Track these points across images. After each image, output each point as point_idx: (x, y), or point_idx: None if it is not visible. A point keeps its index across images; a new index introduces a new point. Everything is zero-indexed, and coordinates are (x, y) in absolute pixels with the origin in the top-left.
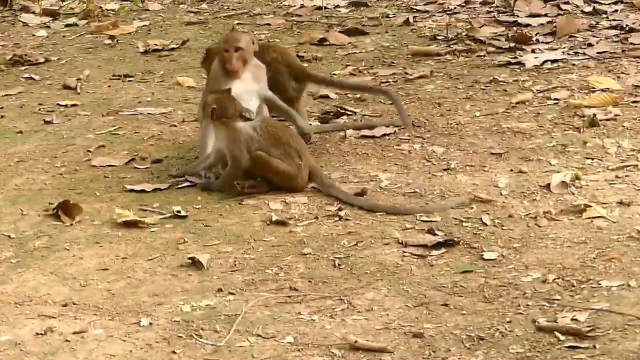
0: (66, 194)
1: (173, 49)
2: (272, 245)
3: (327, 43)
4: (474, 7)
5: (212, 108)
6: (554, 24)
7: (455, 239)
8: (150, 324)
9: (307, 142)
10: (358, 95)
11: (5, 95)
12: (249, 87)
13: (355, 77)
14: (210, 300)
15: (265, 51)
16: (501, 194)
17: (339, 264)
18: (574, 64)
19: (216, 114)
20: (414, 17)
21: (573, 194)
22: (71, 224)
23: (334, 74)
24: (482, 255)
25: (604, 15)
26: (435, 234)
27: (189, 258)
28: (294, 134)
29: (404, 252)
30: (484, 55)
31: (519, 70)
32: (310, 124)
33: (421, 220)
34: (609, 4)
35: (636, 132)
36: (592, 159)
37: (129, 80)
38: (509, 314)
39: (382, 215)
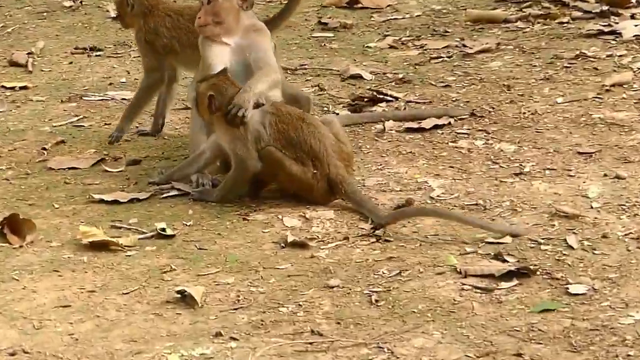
0: (14, 205)
1: None
2: (288, 275)
3: (360, 6)
4: None
5: (210, 96)
6: None
7: (532, 267)
8: None
9: None
10: (400, 76)
11: None
12: (236, 58)
13: (397, 52)
14: (205, 347)
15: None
16: (592, 207)
17: (376, 300)
18: None
19: (216, 104)
20: None
21: None
22: (21, 246)
23: (369, 48)
24: (567, 288)
25: None
26: (504, 261)
27: (178, 292)
28: (311, 130)
29: (464, 284)
30: (567, 22)
31: (614, 42)
32: (338, 114)
33: (486, 242)
34: None
35: None
36: None
37: (97, 55)
38: None
39: (433, 235)
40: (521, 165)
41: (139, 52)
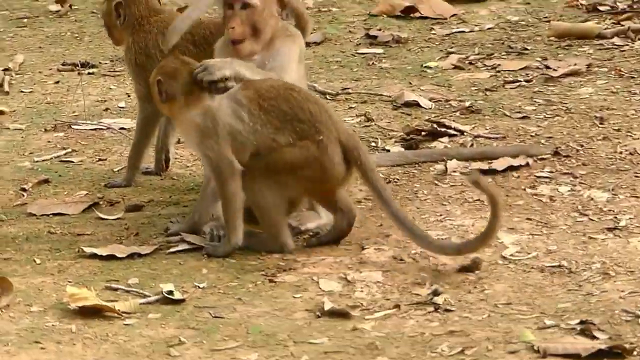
0: None
1: None
2: (325, 352)
3: (417, 15)
4: None
5: (158, 82)
6: None
7: (627, 346)
8: None
9: None
10: (467, 104)
11: None
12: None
13: (463, 74)
14: None
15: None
16: None
17: None
18: None
19: (168, 90)
20: None
21: None
22: None
23: (428, 68)
24: None
25: None
26: (593, 337)
27: None
28: (304, 96)
29: None
30: None
31: None
32: (388, 150)
33: (570, 313)
34: None
35: None
36: None
37: (90, 73)
38: None
39: (505, 303)
40: (616, 218)
41: (129, 75)
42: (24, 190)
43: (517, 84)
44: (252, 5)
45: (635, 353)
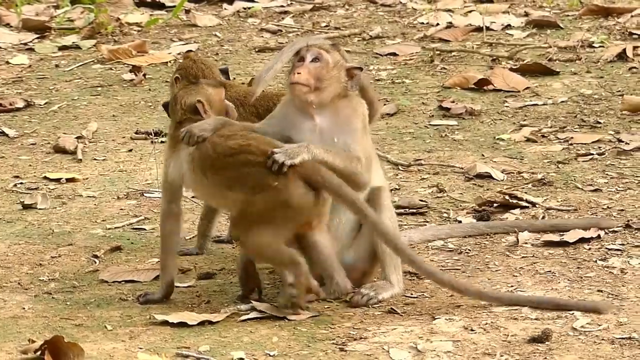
0: (57, 326)
1: None
2: None
3: (491, 87)
4: None
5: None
6: None
7: None
8: None
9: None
10: (539, 176)
11: None
12: (319, 139)
13: (536, 146)
14: None
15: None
16: None
17: None
18: None
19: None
20: (635, 47)
21: None
22: None
23: (500, 140)
24: None
25: None
26: None
27: None
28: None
29: None
30: None
31: None
32: (460, 222)
33: None
34: None
35: None
36: None
37: (163, 142)
38: None
39: None
40: None
41: None
42: (96, 257)
43: (590, 157)
44: (323, 60)
45: None
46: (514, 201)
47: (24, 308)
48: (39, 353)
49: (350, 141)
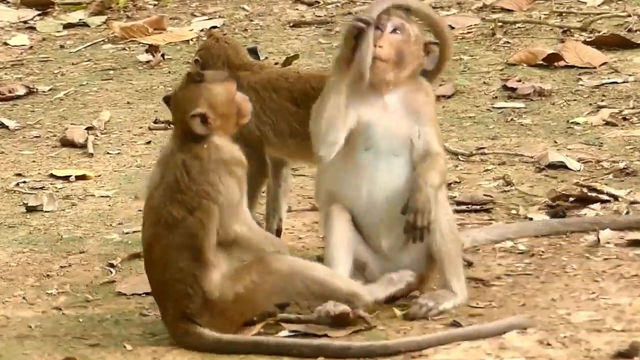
0: (69, 346)
1: None
2: None
3: (563, 64)
4: None
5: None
6: None
7: None
8: None
9: None
10: (622, 165)
11: None
12: (398, 127)
13: (617, 131)
14: None
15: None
16: None
17: None
18: None
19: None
20: None
21: None
22: None
23: (575, 125)
24: None
25: None
26: None
27: None
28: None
29: None
30: None
31: None
32: (531, 219)
33: None
34: None
35: None
36: None
37: None
38: None
39: None
40: None
41: None
42: (112, 266)
43: None
44: (403, 31)
45: None
46: (593, 194)
47: (30, 326)
48: None
49: (430, 134)
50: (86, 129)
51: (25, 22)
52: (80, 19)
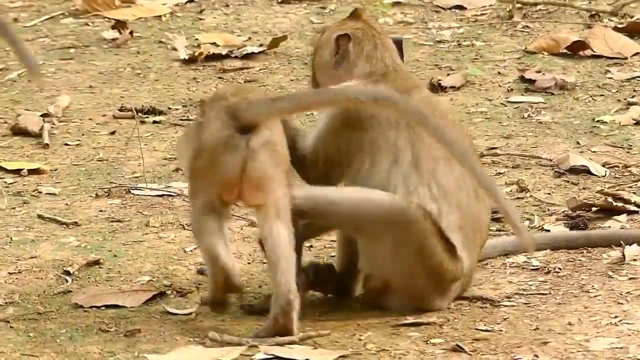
0: None
1: (252, 54)
2: None
3: (589, 53)
4: None
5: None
6: None
7: None
8: None
9: None
10: None
11: None
12: None
13: None
14: None
15: None
16: None
17: None
18: None
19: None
20: None
21: None
22: None
23: (602, 123)
24: None
25: None
26: None
27: None
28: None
29: None
30: None
31: None
32: (548, 230)
33: None
34: None
35: None
36: None
37: (155, 122)
38: None
39: None
40: None
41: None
42: (67, 274)
43: None
44: None
45: None
46: (619, 204)
47: None
48: None
49: None
50: (41, 115)
51: None
52: None
